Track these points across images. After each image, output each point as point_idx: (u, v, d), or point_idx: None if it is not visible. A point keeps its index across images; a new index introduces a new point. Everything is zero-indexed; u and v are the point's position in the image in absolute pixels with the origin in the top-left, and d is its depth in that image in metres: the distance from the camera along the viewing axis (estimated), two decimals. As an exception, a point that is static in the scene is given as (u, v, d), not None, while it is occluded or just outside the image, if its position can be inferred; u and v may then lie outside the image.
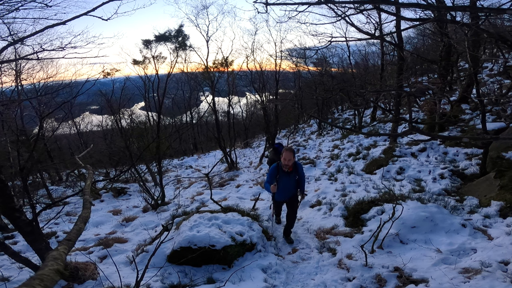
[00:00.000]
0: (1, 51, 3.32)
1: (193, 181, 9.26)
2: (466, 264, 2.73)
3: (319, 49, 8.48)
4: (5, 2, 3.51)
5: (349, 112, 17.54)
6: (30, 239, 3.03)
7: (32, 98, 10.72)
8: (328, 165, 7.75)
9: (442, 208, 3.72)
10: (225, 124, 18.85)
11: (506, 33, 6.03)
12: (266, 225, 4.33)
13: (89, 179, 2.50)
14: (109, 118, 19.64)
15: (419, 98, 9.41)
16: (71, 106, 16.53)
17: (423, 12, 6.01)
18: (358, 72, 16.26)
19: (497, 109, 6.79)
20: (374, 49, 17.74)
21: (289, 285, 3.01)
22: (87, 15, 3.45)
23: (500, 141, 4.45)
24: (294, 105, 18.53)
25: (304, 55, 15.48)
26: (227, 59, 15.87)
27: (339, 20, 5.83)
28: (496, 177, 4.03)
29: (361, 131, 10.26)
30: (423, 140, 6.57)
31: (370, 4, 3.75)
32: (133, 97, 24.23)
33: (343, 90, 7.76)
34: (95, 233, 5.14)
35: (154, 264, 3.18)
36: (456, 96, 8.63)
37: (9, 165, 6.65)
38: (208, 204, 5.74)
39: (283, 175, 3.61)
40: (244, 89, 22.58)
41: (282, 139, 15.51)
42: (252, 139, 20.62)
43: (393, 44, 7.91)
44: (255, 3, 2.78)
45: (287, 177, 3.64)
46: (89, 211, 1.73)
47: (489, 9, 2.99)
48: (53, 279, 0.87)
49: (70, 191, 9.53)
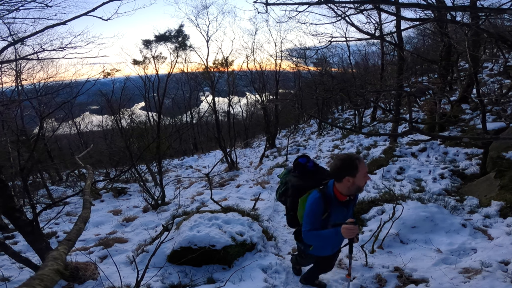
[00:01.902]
0: (1, 51, 3.33)
1: (193, 181, 9.26)
2: (466, 264, 2.73)
3: (319, 49, 8.50)
4: (5, 2, 3.51)
5: (349, 112, 17.54)
6: (30, 239, 3.03)
7: (32, 98, 10.73)
8: (328, 165, 7.75)
9: (442, 208, 3.72)
10: (225, 124, 18.86)
11: (506, 33, 6.03)
12: (266, 225, 4.33)
13: (89, 179, 2.50)
14: (109, 118, 19.68)
15: (419, 98, 9.41)
16: (71, 106, 16.56)
17: (423, 12, 6.00)
18: (358, 72, 16.27)
19: (497, 109, 6.78)
20: (374, 49, 17.77)
21: (289, 285, 3.01)
22: (87, 15, 3.45)
23: (500, 141, 4.45)
24: (294, 105, 18.53)
25: (304, 55, 15.51)
26: (227, 59, 15.90)
27: (339, 20, 5.83)
28: (496, 177, 4.03)
29: (361, 131, 10.26)
30: (423, 140, 6.57)
31: (370, 4, 3.75)
32: (133, 97, 24.26)
33: (343, 90, 7.76)
34: (95, 233, 5.14)
35: (154, 264, 3.18)
36: (456, 96, 8.62)
37: (10, 165, 6.66)
38: (208, 204, 5.74)
39: (336, 210, 1.97)
40: (244, 89, 22.60)
41: (282, 139, 15.52)
42: (252, 139, 20.62)
43: (393, 44, 7.91)
44: (255, 3, 2.78)
45: (344, 211, 2.02)
46: (89, 211, 1.73)
47: (489, 9, 2.99)
48: (53, 279, 0.87)
49: (70, 191, 9.54)
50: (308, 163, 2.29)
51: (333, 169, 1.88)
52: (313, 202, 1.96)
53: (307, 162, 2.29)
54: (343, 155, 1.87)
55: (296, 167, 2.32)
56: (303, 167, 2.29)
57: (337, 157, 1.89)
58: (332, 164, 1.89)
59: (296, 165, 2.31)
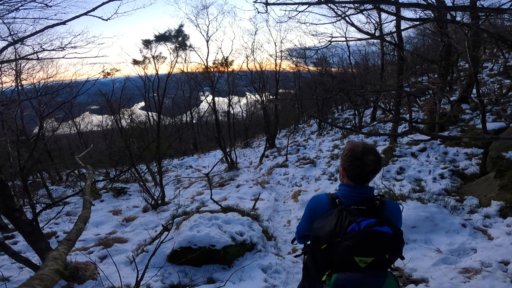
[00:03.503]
0: (1, 51, 3.33)
1: (193, 181, 9.26)
2: (466, 264, 2.73)
3: (319, 49, 8.48)
4: (5, 2, 3.51)
5: (349, 112, 17.53)
6: (30, 239, 3.03)
7: (32, 98, 10.70)
8: (328, 165, 7.75)
9: (442, 208, 3.72)
10: (225, 124, 18.84)
11: (506, 33, 6.02)
12: (266, 225, 4.33)
13: (89, 179, 2.50)
14: (109, 118, 19.66)
15: (419, 98, 9.41)
16: (71, 106, 16.53)
17: (423, 12, 5.99)
18: (358, 72, 16.28)
19: (497, 109, 6.78)
20: (374, 49, 17.73)
21: (289, 285, 3.01)
22: (87, 15, 3.44)
23: (500, 141, 4.45)
24: (294, 105, 18.53)
25: (304, 55, 15.48)
26: (227, 59, 15.88)
27: (339, 20, 5.82)
28: (496, 177, 4.03)
29: (361, 131, 10.26)
30: (423, 140, 6.57)
31: (370, 4, 3.75)
32: (133, 97, 24.25)
33: (343, 90, 7.75)
34: (95, 233, 5.14)
35: (154, 264, 3.18)
36: (456, 96, 8.61)
37: (9, 165, 6.64)
38: (208, 204, 5.74)
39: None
40: (244, 89, 22.59)
41: (282, 139, 15.52)
42: (252, 139, 20.60)
43: (393, 44, 7.91)
44: (255, 3, 2.78)
45: None
46: (89, 211, 1.73)
47: (489, 9, 2.99)
48: (53, 279, 0.87)
49: (70, 191, 9.53)
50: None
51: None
52: None
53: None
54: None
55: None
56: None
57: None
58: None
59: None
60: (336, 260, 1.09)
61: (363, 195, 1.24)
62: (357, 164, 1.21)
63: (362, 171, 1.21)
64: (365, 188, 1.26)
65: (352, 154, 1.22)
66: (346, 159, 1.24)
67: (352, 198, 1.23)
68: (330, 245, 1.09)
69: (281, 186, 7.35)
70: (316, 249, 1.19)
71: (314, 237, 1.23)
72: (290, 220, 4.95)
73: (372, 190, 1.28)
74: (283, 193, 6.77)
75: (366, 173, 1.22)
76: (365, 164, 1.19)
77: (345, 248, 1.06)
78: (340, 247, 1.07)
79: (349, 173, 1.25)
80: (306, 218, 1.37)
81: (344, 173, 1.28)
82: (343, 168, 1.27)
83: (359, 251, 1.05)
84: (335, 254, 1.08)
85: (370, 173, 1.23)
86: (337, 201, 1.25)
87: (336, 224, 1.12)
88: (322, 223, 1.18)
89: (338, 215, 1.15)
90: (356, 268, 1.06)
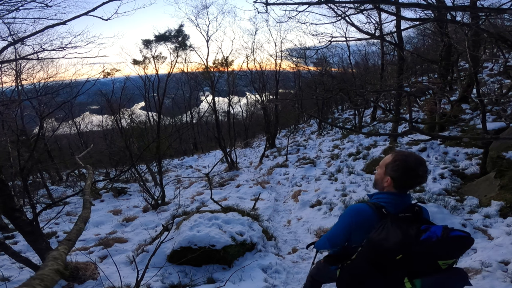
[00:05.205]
0: (1, 51, 3.33)
1: (193, 181, 9.26)
2: (466, 264, 2.73)
3: (319, 49, 8.48)
4: (5, 2, 3.51)
5: (349, 112, 17.54)
6: (30, 239, 3.03)
7: (32, 98, 10.71)
8: (328, 165, 7.75)
9: (443, 208, 3.72)
10: (225, 124, 18.84)
11: (506, 33, 6.02)
12: (266, 225, 4.33)
13: (89, 179, 2.50)
14: (109, 118, 19.66)
15: (419, 98, 9.41)
16: (71, 106, 16.53)
17: (423, 12, 5.99)
18: (358, 72, 16.27)
19: (497, 109, 6.78)
20: (374, 49, 17.75)
21: (289, 285, 3.01)
22: (87, 15, 3.44)
23: (500, 141, 4.45)
24: (294, 105, 18.52)
25: (304, 55, 15.46)
26: (227, 59, 15.87)
27: (339, 20, 5.82)
28: (496, 177, 4.03)
29: (361, 131, 10.26)
30: (423, 140, 6.57)
31: (370, 4, 3.75)
32: (133, 97, 24.24)
33: (343, 90, 7.74)
34: (95, 233, 5.14)
35: (154, 264, 3.18)
36: (456, 96, 8.61)
37: (9, 165, 6.65)
38: (208, 204, 5.74)
39: None
40: (244, 89, 22.59)
41: (282, 139, 15.53)
42: (252, 139, 20.60)
43: (393, 44, 7.91)
44: (255, 3, 2.78)
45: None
46: (89, 211, 1.73)
47: (489, 9, 2.99)
48: (53, 279, 0.87)
49: (70, 191, 9.53)
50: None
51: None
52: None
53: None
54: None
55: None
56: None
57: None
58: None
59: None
60: (418, 268, 1.12)
61: (406, 202, 1.28)
62: (411, 175, 1.25)
63: (414, 182, 1.27)
64: (407, 195, 1.31)
65: (405, 165, 1.25)
66: (397, 169, 1.26)
67: (398, 206, 1.26)
68: (406, 255, 1.11)
69: (281, 186, 7.36)
70: (382, 259, 1.18)
71: (377, 249, 1.20)
72: (290, 220, 4.95)
73: (411, 197, 1.33)
74: (283, 193, 6.77)
75: (417, 183, 1.28)
76: (418, 175, 1.25)
77: (433, 256, 1.10)
78: (425, 255, 1.10)
79: (400, 182, 1.28)
80: (345, 229, 1.37)
81: (391, 182, 1.30)
82: (391, 178, 1.29)
83: (446, 256, 1.11)
84: (418, 261, 1.11)
85: (420, 183, 1.30)
86: (384, 210, 1.26)
87: (403, 234, 1.13)
88: (384, 235, 1.17)
89: (397, 225, 1.16)
90: (437, 270, 1.11)
